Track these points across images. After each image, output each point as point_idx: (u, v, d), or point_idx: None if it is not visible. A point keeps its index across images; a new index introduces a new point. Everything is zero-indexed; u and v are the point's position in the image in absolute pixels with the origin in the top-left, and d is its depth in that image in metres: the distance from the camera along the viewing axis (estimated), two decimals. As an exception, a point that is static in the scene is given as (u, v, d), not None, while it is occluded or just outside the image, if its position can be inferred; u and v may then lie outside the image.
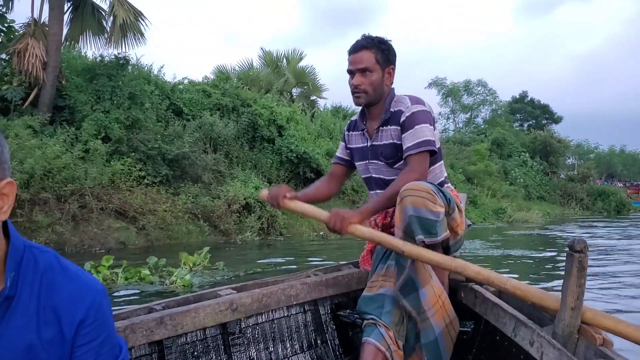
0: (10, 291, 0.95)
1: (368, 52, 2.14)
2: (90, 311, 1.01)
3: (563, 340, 1.54)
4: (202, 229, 10.69)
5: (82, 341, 1.00)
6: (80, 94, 11.10)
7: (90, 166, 9.63)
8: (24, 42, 10.60)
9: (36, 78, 10.63)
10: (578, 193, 31.54)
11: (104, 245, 9.03)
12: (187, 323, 1.82)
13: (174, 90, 14.10)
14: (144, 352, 1.74)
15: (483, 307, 2.05)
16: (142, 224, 9.73)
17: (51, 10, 10.83)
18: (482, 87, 38.33)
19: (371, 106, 2.22)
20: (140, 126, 11.38)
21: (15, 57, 10.58)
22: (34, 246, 1.04)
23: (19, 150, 8.79)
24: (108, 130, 10.62)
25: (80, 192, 9.37)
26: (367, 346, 1.96)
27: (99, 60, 11.72)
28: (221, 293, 2.06)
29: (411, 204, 1.86)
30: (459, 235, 2.09)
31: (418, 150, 2.05)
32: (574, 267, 1.50)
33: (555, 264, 8.63)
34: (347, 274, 2.44)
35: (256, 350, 2.08)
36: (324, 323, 2.35)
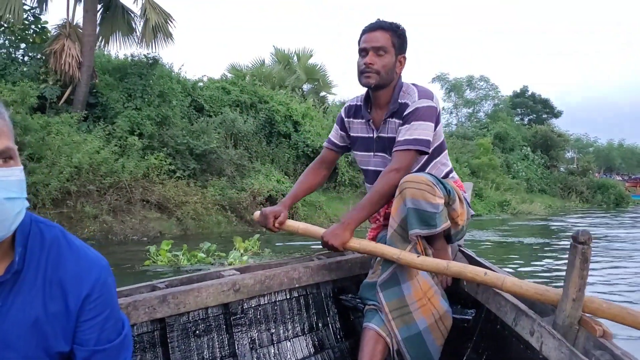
0: (19, 265, 0.98)
1: (384, 33, 2.06)
2: (95, 286, 1.03)
3: (563, 331, 1.54)
4: (229, 220, 11.35)
5: (87, 316, 1.02)
6: (112, 92, 11.71)
7: (127, 160, 10.26)
8: (60, 42, 11.19)
9: (71, 77, 11.23)
10: (578, 186, 32.21)
11: (143, 234, 9.69)
12: (190, 302, 1.83)
13: (194, 87, 14.72)
14: (146, 329, 1.75)
15: (485, 295, 2.06)
16: (176, 215, 10.39)
17: (85, 13, 11.42)
18: (485, 82, 39.02)
19: (378, 90, 2.12)
20: (169, 123, 12.01)
21: (52, 58, 11.16)
22: (40, 220, 1.06)
23: (63, 146, 9.42)
24: (140, 126, 11.25)
25: (118, 185, 10.01)
26: (368, 331, 1.97)
27: (130, 60, 12.31)
28: (224, 274, 2.06)
29: (410, 196, 1.85)
30: (460, 226, 2.08)
31: (406, 147, 2.01)
32: (577, 258, 1.50)
33: (559, 253, 9.32)
34: (350, 258, 2.43)
35: (257, 331, 2.10)
36: (326, 306, 2.35)
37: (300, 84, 21.74)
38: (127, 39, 12.39)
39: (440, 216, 1.89)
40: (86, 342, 1.03)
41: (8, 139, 0.94)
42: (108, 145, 10.27)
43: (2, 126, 0.93)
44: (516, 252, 9.64)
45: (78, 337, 1.03)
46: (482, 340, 2.13)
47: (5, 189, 0.91)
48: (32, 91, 10.11)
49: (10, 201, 0.91)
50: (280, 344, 2.15)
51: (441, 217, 1.89)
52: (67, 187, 8.90)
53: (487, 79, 39.19)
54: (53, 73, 11.31)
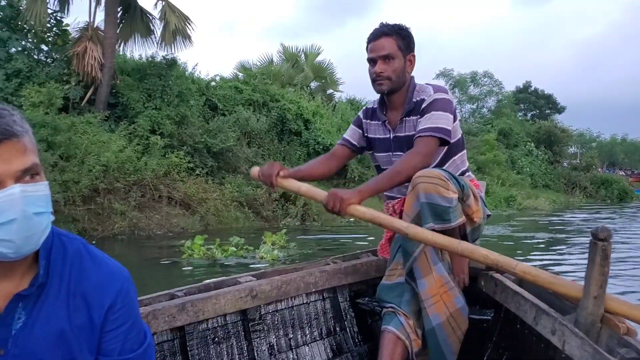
0: (43, 278, 0.99)
1: (389, 39, 2.10)
2: (118, 297, 1.04)
3: (586, 329, 1.52)
4: (247, 216, 11.76)
5: (111, 327, 1.04)
6: (132, 92, 12.09)
7: (150, 159, 10.66)
8: (82, 45, 11.56)
9: (93, 78, 11.61)
10: (582, 181, 32.49)
11: (167, 229, 10.10)
12: (208, 309, 1.84)
13: (208, 87, 15.11)
14: (166, 337, 1.76)
15: (503, 295, 2.04)
16: (198, 211, 10.80)
17: (107, 16, 11.80)
18: (489, 78, 39.29)
19: (393, 94, 2.17)
20: (187, 122, 12.41)
21: (74, 59, 11.55)
22: (62, 233, 1.07)
23: (90, 145, 9.81)
24: (161, 125, 11.65)
25: (142, 183, 10.42)
26: (386, 334, 1.96)
27: (149, 61, 12.70)
28: (241, 280, 2.07)
29: (423, 190, 1.85)
30: (476, 223, 2.07)
31: (428, 134, 2.01)
32: (597, 255, 1.48)
33: (571, 247, 9.70)
34: (366, 262, 2.43)
35: (276, 336, 2.10)
36: (343, 311, 2.35)
37: (307, 82, 22.08)
38: (146, 40, 12.78)
39: (455, 211, 1.87)
40: (110, 352, 1.05)
41: (34, 154, 0.96)
42: (130, 144, 10.67)
43: (28, 143, 0.94)
44: (530, 248, 10.03)
45: (102, 347, 1.05)
46: (502, 340, 2.12)
47: (33, 204, 0.92)
48: (58, 92, 10.51)
49: (38, 216, 0.93)
50: (299, 349, 2.15)
51: (455, 211, 1.88)
52: (96, 184, 9.30)
53: (490, 74, 39.49)
54: (75, 74, 11.70)
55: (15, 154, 0.91)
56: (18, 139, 0.92)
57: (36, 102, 10.03)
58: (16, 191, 0.90)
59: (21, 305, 0.98)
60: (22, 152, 0.92)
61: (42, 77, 11.11)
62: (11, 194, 0.89)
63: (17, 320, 0.98)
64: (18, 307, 0.98)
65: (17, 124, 0.93)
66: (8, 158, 0.90)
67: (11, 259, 0.93)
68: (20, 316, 0.98)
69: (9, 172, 0.90)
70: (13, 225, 0.90)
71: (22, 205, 0.90)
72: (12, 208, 0.89)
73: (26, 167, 0.92)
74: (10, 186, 0.90)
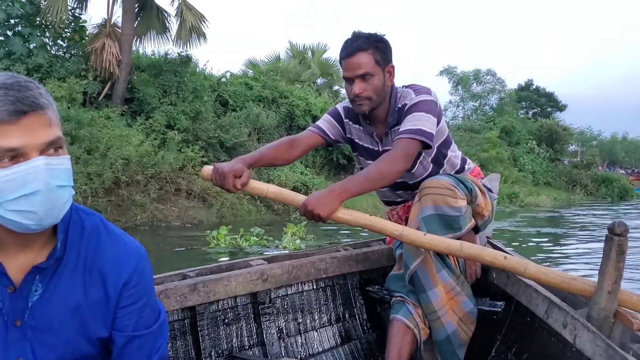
0: (60, 252, 1.00)
1: (365, 54, 1.92)
2: (134, 274, 1.06)
3: (598, 324, 1.51)
4: (259, 209, 12.13)
5: (125, 303, 1.05)
6: (148, 88, 12.43)
7: (167, 153, 11.01)
8: (100, 41, 11.90)
9: (111, 74, 11.95)
10: (583, 179, 32.81)
11: (184, 221, 10.47)
12: (220, 290, 1.85)
13: (219, 83, 15.45)
14: (177, 317, 1.78)
15: (515, 287, 2.03)
16: (213, 204, 11.17)
17: (124, 14, 12.14)
18: (491, 76, 39.58)
19: (374, 110, 2.04)
20: (202, 117, 12.76)
21: (92, 55, 11.88)
22: (80, 209, 1.09)
23: (110, 139, 10.16)
24: (176, 121, 12.00)
25: (159, 176, 10.78)
26: (395, 323, 1.96)
27: (164, 58, 13.04)
28: (252, 263, 2.08)
29: (432, 202, 1.83)
30: (486, 216, 2.06)
31: (410, 136, 1.89)
32: (612, 250, 1.47)
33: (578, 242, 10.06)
34: (377, 250, 2.42)
35: (285, 320, 2.11)
36: (352, 297, 2.36)
37: (314, 79, 22.43)
38: (161, 37, 13.12)
39: (465, 217, 1.87)
40: (125, 327, 1.06)
41: (58, 128, 0.96)
42: (148, 139, 11.02)
43: (52, 116, 0.94)
44: (537, 241, 10.40)
45: (117, 323, 1.06)
46: (512, 332, 2.12)
47: (57, 177, 0.93)
48: (77, 87, 10.86)
49: (61, 189, 0.94)
50: (308, 334, 2.17)
51: (465, 218, 1.88)
52: (118, 177, 9.67)
53: (493, 72, 39.77)
54: (93, 70, 12.03)
55: (41, 127, 0.91)
56: (44, 111, 0.92)
57: (58, 97, 10.37)
58: (41, 163, 0.90)
59: (38, 278, 1.00)
60: (47, 124, 0.92)
61: (62, 73, 11.44)
62: (36, 165, 0.90)
63: (33, 292, 1.00)
64: (35, 280, 1.00)
65: (43, 97, 0.94)
66: (33, 130, 0.90)
67: (32, 230, 0.94)
68: (37, 288, 1.00)
69: (34, 144, 0.90)
70: (37, 196, 0.90)
71: (46, 177, 0.91)
72: (37, 180, 0.90)
73: (51, 139, 0.92)
74: (35, 158, 0.90)
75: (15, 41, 11.44)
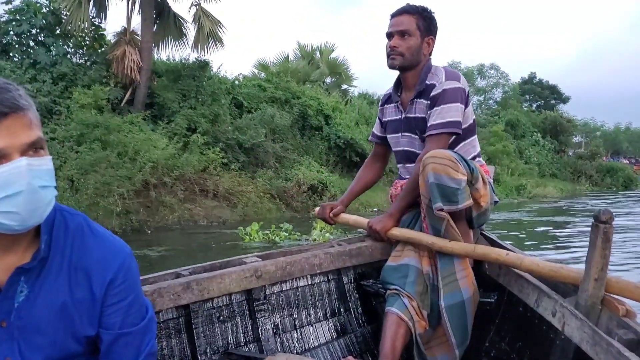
0: (44, 252, 1.01)
1: (409, 17, 2.12)
2: (119, 272, 1.06)
3: (586, 311, 1.54)
4: (278, 207, 12.54)
5: (111, 301, 1.06)
6: (168, 93, 12.84)
7: (190, 156, 11.42)
8: (121, 49, 12.30)
9: (132, 80, 12.36)
10: (588, 170, 33.15)
11: (209, 220, 10.88)
12: (213, 288, 1.86)
13: (233, 86, 15.85)
14: (171, 315, 1.79)
15: (507, 278, 2.07)
16: (236, 203, 11.58)
17: (143, 21, 12.54)
18: (495, 71, 39.96)
19: (406, 72, 2.17)
20: (220, 120, 13.17)
21: (114, 62, 12.29)
22: (64, 209, 1.09)
23: (137, 143, 10.56)
24: (197, 124, 12.41)
25: (184, 178, 11.19)
26: (390, 316, 1.98)
27: (183, 63, 13.45)
28: (246, 260, 2.09)
29: (432, 170, 1.86)
30: (483, 208, 2.05)
31: (439, 131, 2.04)
32: (598, 238, 1.49)
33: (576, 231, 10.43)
34: (371, 244, 2.44)
35: (280, 316, 2.13)
36: (347, 292, 2.38)
37: (323, 78, 22.81)
38: (178, 43, 13.51)
39: (463, 193, 1.88)
40: (111, 325, 1.06)
41: (39, 129, 0.96)
42: (171, 142, 11.42)
43: (33, 117, 0.95)
44: (545, 231, 10.78)
45: (103, 321, 1.06)
46: (504, 322, 2.14)
47: (39, 178, 0.93)
48: (102, 94, 11.27)
49: (44, 189, 0.94)
50: (303, 329, 2.19)
51: (464, 193, 1.88)
52: (147, 179, 10.08)
53: (497, 67, 40.17)
54: (114, 77, 12.45)
55: (21, 128, 0.92)
56: (24, 113, 0.93)
57: (84, 104, 10.79)
58: (23, 164, 0.91)
59: (23, 279, 1.00)
60: (27, 125, 0.93)
61: (86, 80, 11.85)
62: (18, 166, 0.91)
63: (19, 293, 1.00)
64: (20, 281, 1.00)
65: (23, 98, 0.94)
66: (14, 131, 0.91)
67: (16, 231, 0.95)
68: (23, 289, 1.00)
69: (15, 145, 0.91)
70: (19, 197, 0.91)
71: (29, 178, 0.91)
72: (19, 180, 0.91)
73: (32, 140, 0.93)
74: (17, 159, 0.91)
75: (40, 51, 11.86)
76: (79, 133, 10.10)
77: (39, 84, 11.29)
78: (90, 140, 9.85)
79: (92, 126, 9.95)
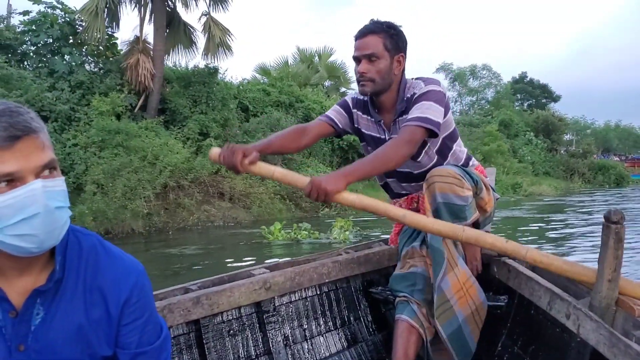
0: (59, 273, 1.01)
1: (375, 37, 1.98)
2: (134, 291, 1.06)
3: (600, 313, 1.52)
4: (288, 207, 13.07)
5: (128, 320, 1.06)
6: (179, 99, 13.34)
7: (204, 159, 11.92)
8: (134, 57, 12.77)
9: (145, 87, 12.84)
10: (580, 168, 33.87)
11: (225, 221, 11.39)
12: (223, 302, 1.86)
13: (239, 90, 16.37)
14: (181, 331, 1.78)
15: (517, 281, 2.05)
16: (248, 204, 12.10)
17: (156, 30, 13.03)
18: (487, 71, 40.72)
19: (379, 95, 2.07)
20: (229, 124, 13.69)
21: (128, 70, 12.76)
22: (77, 230, 1.09)
23: (155, 148, 11.04)
24: (209, 128, 12.92)
25: (199, 180, 11.69)
26: (401, 323, 1.96)
27: (193, 70, 13.95)
28: (254, 272, 2.08)
29: (439, 190, 1.85)
30: (488, 212, 2.07)
31: (417, 123, 1.91)
32: (610, 238, 1.47)
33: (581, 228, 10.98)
34: (378, 251, 2.43)
35: (290, 327, 2.11)
36: (356, 300, 2.36)
37: (322, 82, 23.36)
38: (188, 51, 14.02)
39: (470, 208, 1.89)
40: (128, 345, 1.07)
41: (51, 150, 0.96)
42: (185, 146, 11.92)
43: (45, 139, 0.95)
44: (546, 227, 11.37)
45: (120, 341, 1.06)
46: (517, 326, 2.11)
47: (54, 199, 0.94)
48: (119, 101, 11.76)
49: (59, 210, 0.95)
50: (314, 340, 2.17)
51: (470, 208, 1.90)
52: (166, 182, 10.58)
53: (489, 67, 40.93)
54: (127, 84, 12.92)
55: (35, 150, 0.92)
56: (37, 135, 0.93)
57: (103, 111, 11.27)
58: (38, 186, 0.91)
59: (39, 301, 1.00)
60: (40, 148, 0.93)
61: (103, 88, 12.32)
62: (33, 189, 0.91)
63: (35, 315, 1.00)
64: (36, 303, 1.00)
65: (35, 121, 0.94)
66: (28, 154, 0.91)
67: (33, 253, 0.95)
68: (39, 312, 1.00)
69: (29, 168, 0.91)
70: (36, 219, 0.91)
71: (44, 199, 0.91)
72: (35, 203, 0.91)
73: (45, 162, 0.93)
74: (32, 182, 0.91)
75: (57, 60, 12.30)
76: (100, 139, 10.57)
77: (57, 92, 11.73)
78: (112, 145, 10.33)
79: (113, 132, 10.42)
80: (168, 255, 7.54)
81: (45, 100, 11.15)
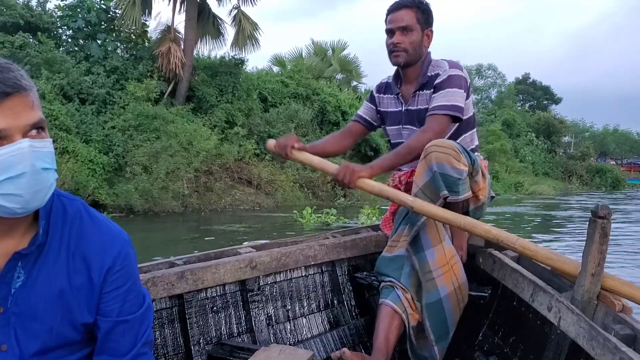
0: (42, 238, 0.99)
1: (409, 11, 2.09)
2: (117, 259, 1.04)
3: (582, 306, 1.53)
4: (306, 195, 13.82)
5: (110, 288, 1.04)
6: (207, 87, 13.98)
7: (231, 146, 12.62)
8: (166, 45, 13.40)
9: (175, 74, 13.47)
10: (578, 170, 34.64)
11: (248, 205, 12.12)
12: (208, 278, 1.85)
13: (258, 81, 17.03)
14: (165, 305, 1.78)
15: (501, 272, 2.05)
16: (271, 191, 12.84)
17: (187, 21, 13.66)
18: (492, 71, 41.39)
19: (408, 67, 2.15)
20: (253, 114, 14.38)
21: (159, 58, 13.38)
22: (63, 194, 1.06)
23: (188, 134, 11.70)
24: (235, 117, 13.60)
25: (226, 166, 12.40)
26: (384, 307, 1.97)
27: (221, 60, 14.60)
28: (241, 251, 2.08)
29: (435, 159, 1.84)
30: (480, 201, 2.05)
31: (441, 112, 2.00)
32: (596, 233, 1.48)
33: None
34: (365, 236, 2.45)
35: (274, 307, 2.12)
36: (341, 284, 2.37)
37: (335, 75, 24.00)
38: (215, 42, 14.65)
39: (464, 184, 1.88)
40: (109, 313, 1.05)
41: (40, 110, 0.93)
42: (213, 133, 12.60)
43: (34, 98, 0.92)
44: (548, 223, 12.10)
45: (101, 308, 1.05)
46: (498, 316, 2.13)
47: (41, 159, 0.91)
48: (152, 87, 12.41)
49: (46, 171, 0.92)
50: (296, 320, 2.18)
51: (464, 185, 1.89)
52: (198, 167, 11.29)
53: (495, 67, 41.59)
54: (158, 71, 13.54)
55: (24, 108, 0.89)
56: (27, 93, 0.90)
57: (139, 96, 11.91)
58: (25, 145, 0.88)
59: (20, 264, 0.99)
60: (30, 106, 0.91)
61: (136, 74, 12.95)
62: (20, 147, 0.88)
63: (16, 279, 0.99)
64: (17, 266, 0.99)
65: (25, 79, 0.92)
66: (17, 112, 0.88)
67: (17, 214, 0.93)
68: (20, 275, 0.99)
69: (17, 126, 0.88)
70: (23, 179, 0.89)
71: (31, 159, 0.89)
72: (22, 162, 0.88)
73: (34, 121, 0.91)
74: (19, 140, 0.88)
75: (93, 46, 12.91)
76: (137, 123, 11.22)
77: (94, 76, 12.35)
78: (150, 130, 10.99)
79: (150, 117, 11.08)
80: (225, 232, 8.08)
81: (85, 84, 11.77)
